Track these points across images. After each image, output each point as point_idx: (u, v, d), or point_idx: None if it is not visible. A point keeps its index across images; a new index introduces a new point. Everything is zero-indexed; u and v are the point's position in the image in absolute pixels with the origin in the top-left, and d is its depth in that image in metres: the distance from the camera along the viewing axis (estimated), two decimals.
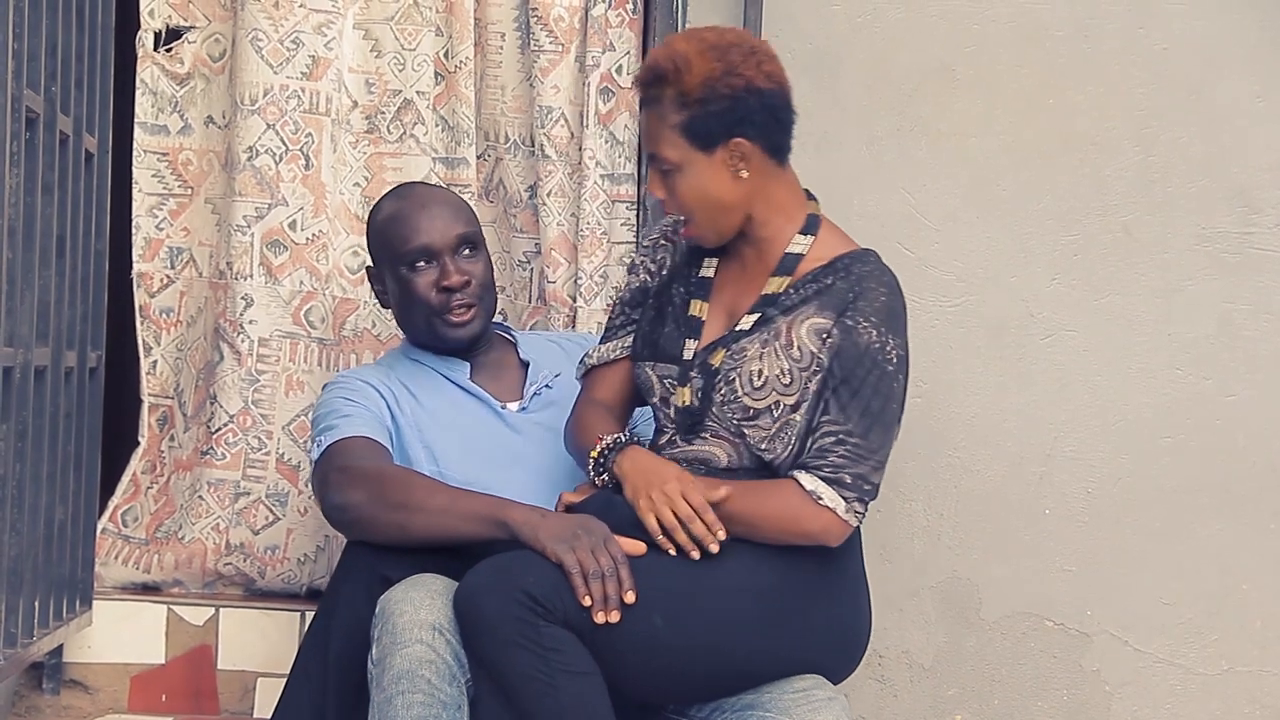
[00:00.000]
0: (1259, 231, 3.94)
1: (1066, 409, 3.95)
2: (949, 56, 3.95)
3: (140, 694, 3.90)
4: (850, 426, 3.09)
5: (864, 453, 3.10)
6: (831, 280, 3.16)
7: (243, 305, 3.98)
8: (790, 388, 3.11)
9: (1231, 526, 3.95)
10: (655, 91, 3.14)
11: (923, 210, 3.96)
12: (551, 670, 2.97)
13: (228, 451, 3.97)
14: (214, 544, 3.97)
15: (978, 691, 3.97)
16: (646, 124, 3.18)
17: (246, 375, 3.98)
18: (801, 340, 3.12)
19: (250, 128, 3.97)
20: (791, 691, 3.12)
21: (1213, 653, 3.96)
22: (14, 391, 3.27)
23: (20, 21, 3.19)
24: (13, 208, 3.20)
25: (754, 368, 3.13)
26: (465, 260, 3.53)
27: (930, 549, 3.96)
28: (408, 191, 3.62)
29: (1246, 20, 3.93)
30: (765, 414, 3.13)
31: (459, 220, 3.55)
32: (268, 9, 3.97)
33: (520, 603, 2.97)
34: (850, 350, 3.10)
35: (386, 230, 3.56)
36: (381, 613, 3.10)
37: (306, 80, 3.99)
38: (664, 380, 3.23)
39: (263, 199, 3.98)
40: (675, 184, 3.15)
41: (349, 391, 3.51)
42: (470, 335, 3.54)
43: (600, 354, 3.36)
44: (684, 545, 3.07)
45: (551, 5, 3.98)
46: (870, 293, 3.14)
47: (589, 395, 3.35)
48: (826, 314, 3.13)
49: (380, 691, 3.06)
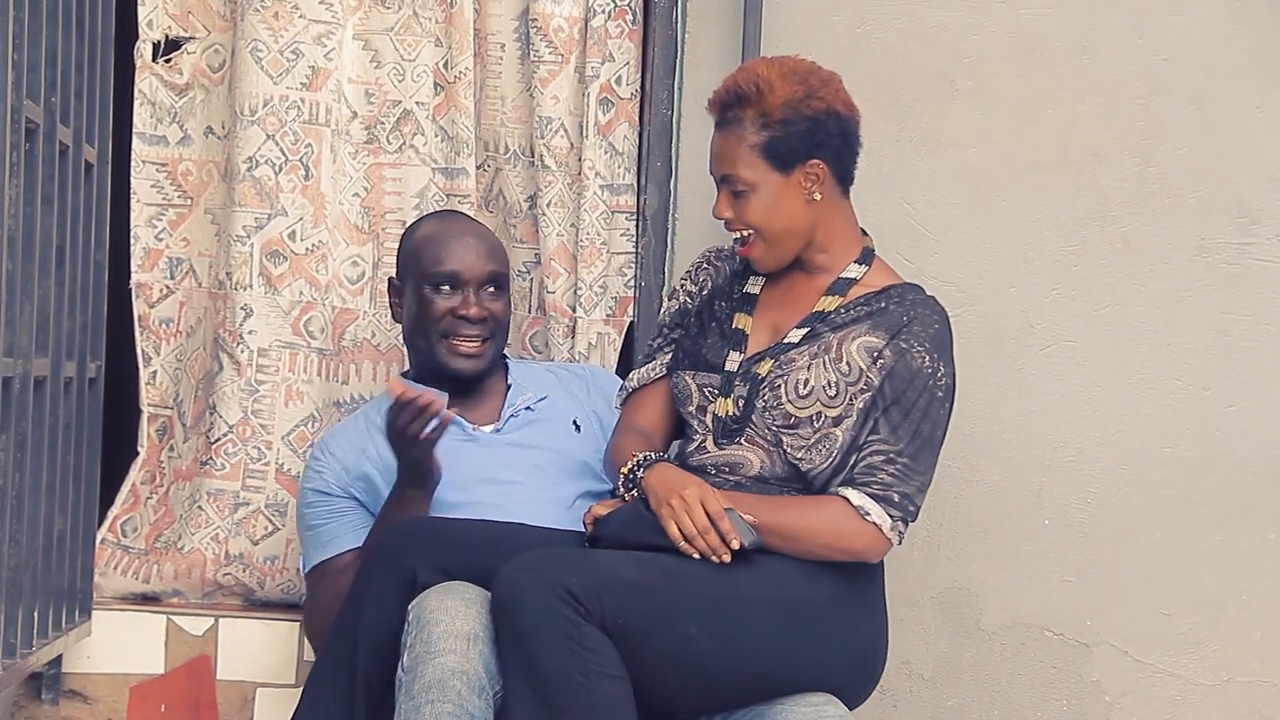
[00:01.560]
0: (1258, 242, 3.94)
1: (1066, 419, 3.95)
2: (949, 68, 3.95)
3: (139, 704, 3.89)
4: (901, 447, 3.15)
5: (912, 473, 3.16)
6: (885, 304, 3.24)
7: (242, 315, 3.97)
8: (835, 400, 3.16)
9: (1231, 537, 3.95)
10: (735, 112, 3.22)
11: (922, 221, 3.96)
12: (588, 670, 2.99)
13: (227, 462, 3.97)
14: (213, 554, 3.96)
15: (977, 702, 3.96)
16: (721, 145, 3.26)
17: (246, 385, 3.97)
18: (852, 356, 3.18)
19: (250, 138, 3.97)
20: (803, 706, 3.13)
21: (1212, 663, 3.96)
22: (13, 402, 3.27)
23: (20, 32, 3.19)
24: (12, 218, 3.20)
25: (801, 377, 3.19)
26: (489, 297, 3.60)
27: (930, 559, 3.96)
28: (452, 217, 3.69)
29: (1245, 31, 3.93)
30: (806, 424, 3.17)
31: (493, 258, 3.63)
32: (267, 20, 3.97)
33: (563, 599, 3.00)
34: (903, 373, 3.17)
35: (421, 248, 3.62)
36: (416, 620, 3.10)
37: (306, 91, 3.99)
38: (704, 389, 3.27)
39: (262, 209, 3.98)
40: (747, 205, 3.24)
41: (317, 507, 3.60)
42: (475, 369, 3.59)
43: (640, 376, 3.42)
44: (704, 551, 3.09)
45: (551, 16, 3.98)
46: (924, 319, 3.22)
47: (627, 422, 3.41)
48: (879, 334, 3.19)
49: (409, 699, 3.06)
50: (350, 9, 4.02)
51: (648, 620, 3.05)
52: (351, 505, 3.57)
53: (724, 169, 3.25)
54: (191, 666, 3.92)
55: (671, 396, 3.38)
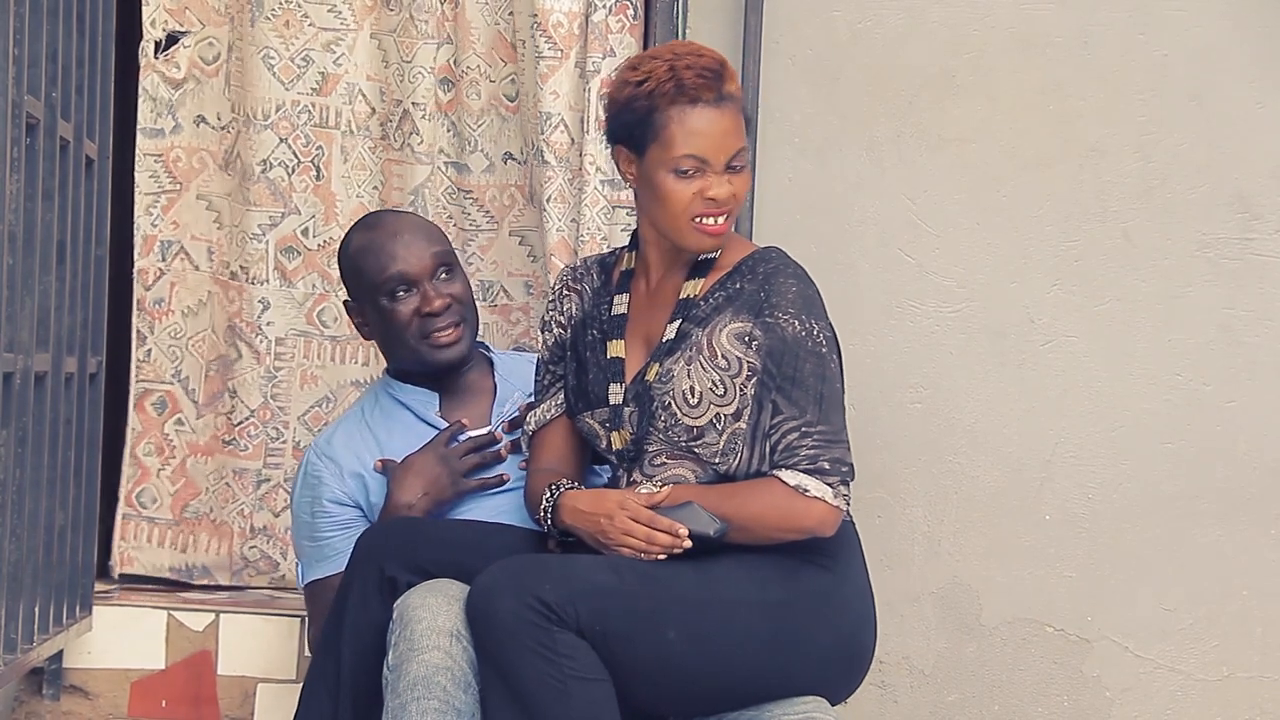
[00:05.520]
0: (1259, 237, 3.94)
1: (1067, 415, 3.95)
2: (949, 63, 3.95)
3: (140, 699, 3.90)
4: (809, 417, 3.09)
5: (831, 437, 3.10)
6: (739, 285, 3.17)
7: (260, 308, 4.15)
8: (725, 397, 3.12)
9: (1232, 532, 3.95)
10: (729, 88, 3.15)
11: (923, 216, 3.96)
12: (564, 676, 2.98)
13: (249, 443, 4.16)
14: (239, 528, 4.16)
15: (978, 697, 3.97)
16: (725, 122, 3.14)
17: (265, 373, 4.16)
18: (724, 348, 3.13)
19: (264, 142, 4.13)
20: (793, 713, 3.13)
21: (1213, 658, 3.96)
22: (14, 397, 3.27)
23: (21, 28, 3.19)
24: (13, 213, 3.20)
25: (685, 386, 3.13)
26: (443, 284, 3.48)
27: (930, 555, 3.96)
28: (375, 221, 3.57)
29: (1246, 27, 3.93)
30: (709, 429, 3.13)
31: (432, 242, 3.51)
32: (279, 28, 4.12)
33: (534, 608, 2.97)
34: (779, 346, 3.10)
35: (360, 263, 3.49)
36: (399, 618, 3.10)
37: (317, 95, 4.15)
38: (603, 424, 3.23)
39: (276, 208, 4.15)
40: (741, 179, 3.16)
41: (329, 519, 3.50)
42: (458, 355, 3.50)
43: (537, 418, 3.34)
44: (668, 550, 3.08)
45: (551, 11, 3.98)
46: (780, 287, 3.14)
47: (535, 465, 3.32)
48: (743, 317, 3.13)
49: (395, 697, 3.05)
50: (366, 9, 4.13)
51: (625, 626, 3.02)
52: (357, 515, 3.49)
53: (735, 144, 3.15)
54: (192, 661, 3.92)
55: (571, 429, 3.30)
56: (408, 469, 3.43)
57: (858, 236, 3.94)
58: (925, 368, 3.93)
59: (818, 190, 3.95)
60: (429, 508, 3.41)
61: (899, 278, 3.93)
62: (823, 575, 3.14)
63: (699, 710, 3.16)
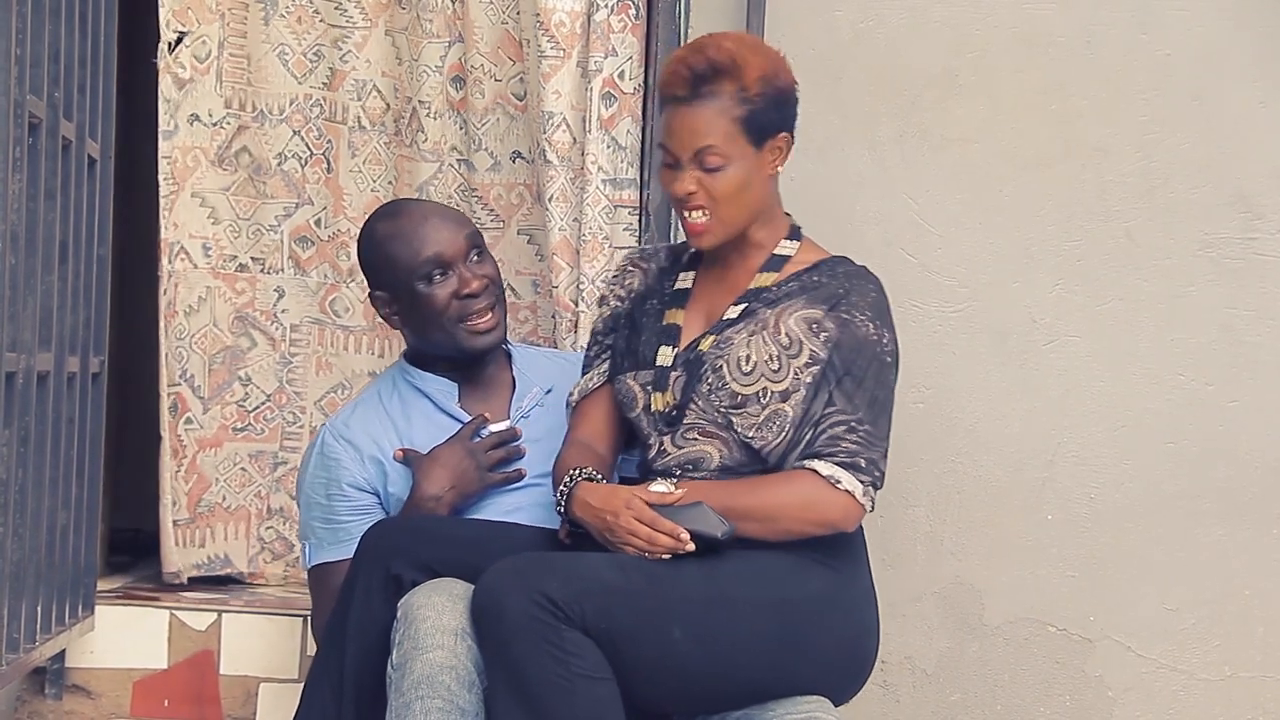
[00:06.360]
0: (1261, 237, 3.94)
1: (1069, 414, 3.95)
2: (952, 62, 3.95)
3: (142, 699, 3.90)
4: (861, 414, 3.14)
5: (874, 439, 3.15)
6: (818, 278, 3.23)
7: (275, 297, 4.28)
8: (779, 374, 3.15)
9: (1234, 531, 3.95)
10: (713, 86, 3.18)
11: (925, 216, 3.96)
12: (571, 674, 2.98)
13: (265, 427, 4.29)
14: (256, 509, 4.28)
15: (980, 697, 3.97)
16: (695, 119, 3.19)
17: (280, 359, 4.29)
18: (790, 328, 3.17)
19: (279, 135, 4.23)
20: (796, 713, 3.13)
21: (1215, 658, 3.96)
22: (16, 397, 3.27)
23: (23, 28, 3.19)
24: (15, 213, 3.20)
25: (741, 354, 3.18)
26: (477, 265, 3.47)
27: (933, 554, 3.96)
28: (398, 209, 3.56)
29: (1249, 27, 3.93)
30: (753, 400, 3.16)
31: (462, 225, 3.50)
32: (291, 24, 4.20)
33: (542, 605, 2.98)
34: (850, 342, 3.16)
35: (391, 250, 3.46)
36: (404, 617, 3.10)
37: (326, 90, 4.24)
38: (645, 386, 3.25)
39: (290, 199, 4.25)
40: (717, 178, 3.19)
41: (345, 502, 3.47)
42: (495, 341, 3.47)
43: (581, 387, 3.38)
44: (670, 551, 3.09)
45: (553, 10, 3.99)
46: (861, 289, 3.22)
47: (572, 435, 3.36)
48: (817, 306, 3.19)
49: (399, 696, 3.05)
50: (380, 6, 4.20)
51: (631, 624, 3.03)
52: (373, 502, 3.47)
53: (700, 142, 3.18)
54: (194, 661, 3.92)
55: (615, 404, 3.34)
56: (434, 461, 3.42)
57: (860, 236, 3.94)
58: (928, 367, 3.93)
59: (820, 190, 3.94)
60: (455, 501, 3.40)
61: (901, 277, 3.93)
62: (829, 576, 3.15)
63: (703, 709, 3.17)
